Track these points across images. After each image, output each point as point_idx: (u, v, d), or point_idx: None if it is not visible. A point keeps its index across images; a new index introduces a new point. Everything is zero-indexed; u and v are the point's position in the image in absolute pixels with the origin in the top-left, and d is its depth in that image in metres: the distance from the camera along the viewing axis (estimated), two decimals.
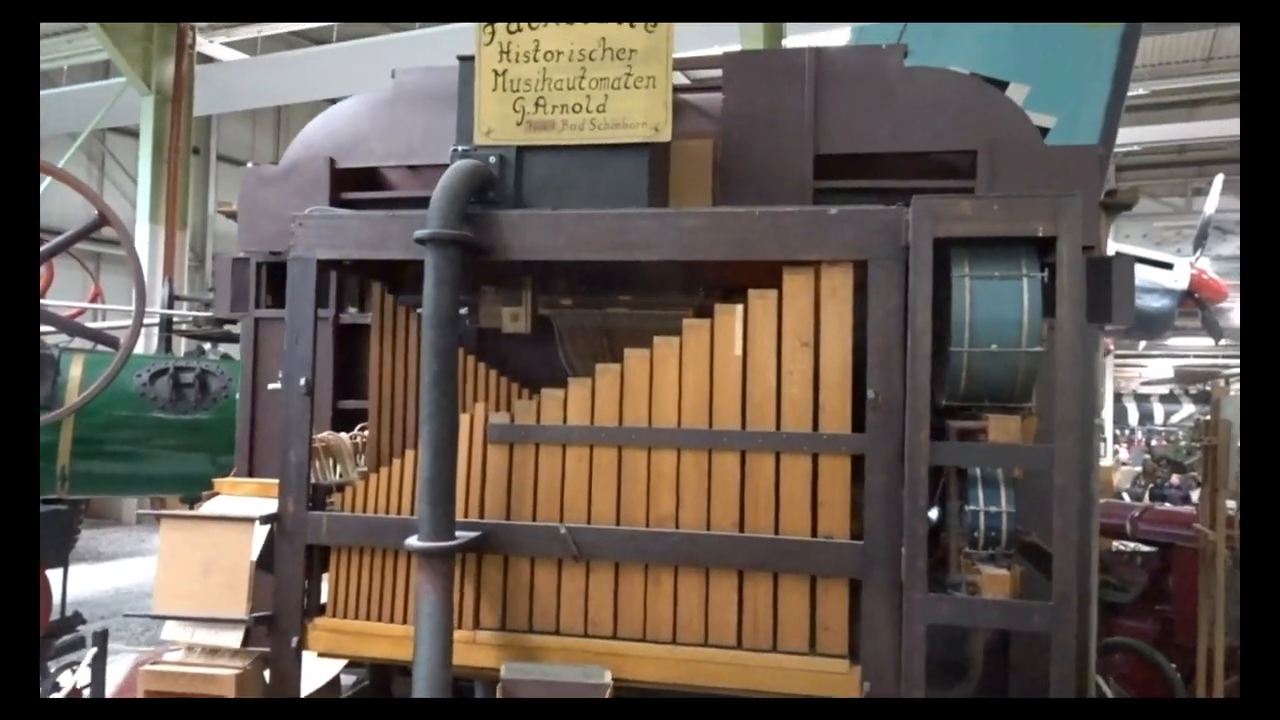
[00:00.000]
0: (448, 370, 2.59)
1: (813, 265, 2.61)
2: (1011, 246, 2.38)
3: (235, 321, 5.97)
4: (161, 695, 2.79)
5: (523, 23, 2.95)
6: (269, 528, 2.86)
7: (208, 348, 7.60)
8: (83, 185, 4.42)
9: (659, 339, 2.72)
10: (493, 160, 2.93)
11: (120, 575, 10.47)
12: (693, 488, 2.65)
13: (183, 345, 8.56)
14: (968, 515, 2.37)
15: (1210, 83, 17.24)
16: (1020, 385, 2.37)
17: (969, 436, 2.40)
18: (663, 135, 2.86)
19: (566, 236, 2.72)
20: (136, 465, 6.22)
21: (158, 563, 2.91)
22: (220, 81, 13.62)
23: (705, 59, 3.78)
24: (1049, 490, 2.31)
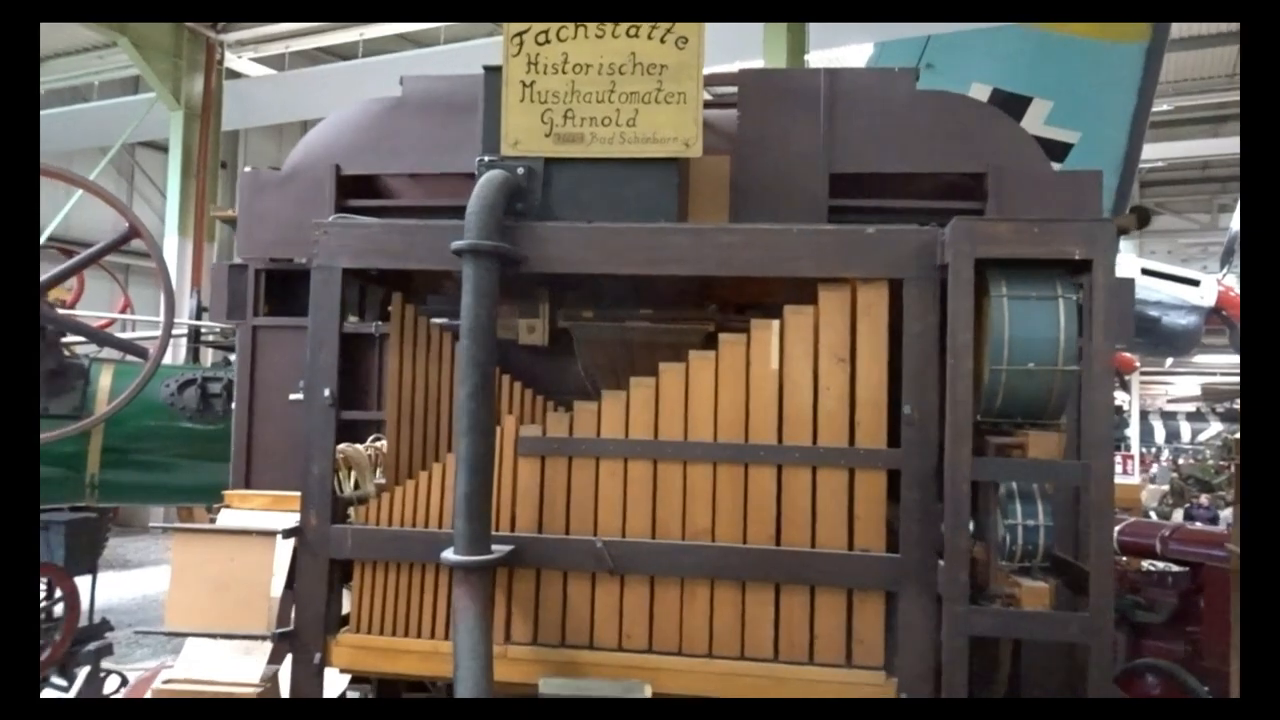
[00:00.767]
0: (486, 383, 2.57)
1: (848, 283, 2.66)
2: (1043, 268, 2.46)
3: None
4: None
5: (550, 28, 2.94)
6: (290, 543, 2.79)
7: (234, 358, 7.55)
8: (113, 198, 4.49)
9: (694, 353, 2.74)
10: (520, 171, 2.92)
11: (147, 583, 10.42)
12: (728, 501, 2.67)
13: (210, 356, 8.52)
14: (1004, 529, 2.43)
15: (1235, 99, 17.22)
16: (1054, 403, 2.44)
17: (1003, 452, 2.47)
18: (693, 150, 2.89)
19: (601, 249, 2.72)
20: (164, 475, 6.36)
21: (170, 578, 2.82)
22: (247, 96, 13.80)
23: (720, 75, 3.82)
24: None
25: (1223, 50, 16.05)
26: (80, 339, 5.52)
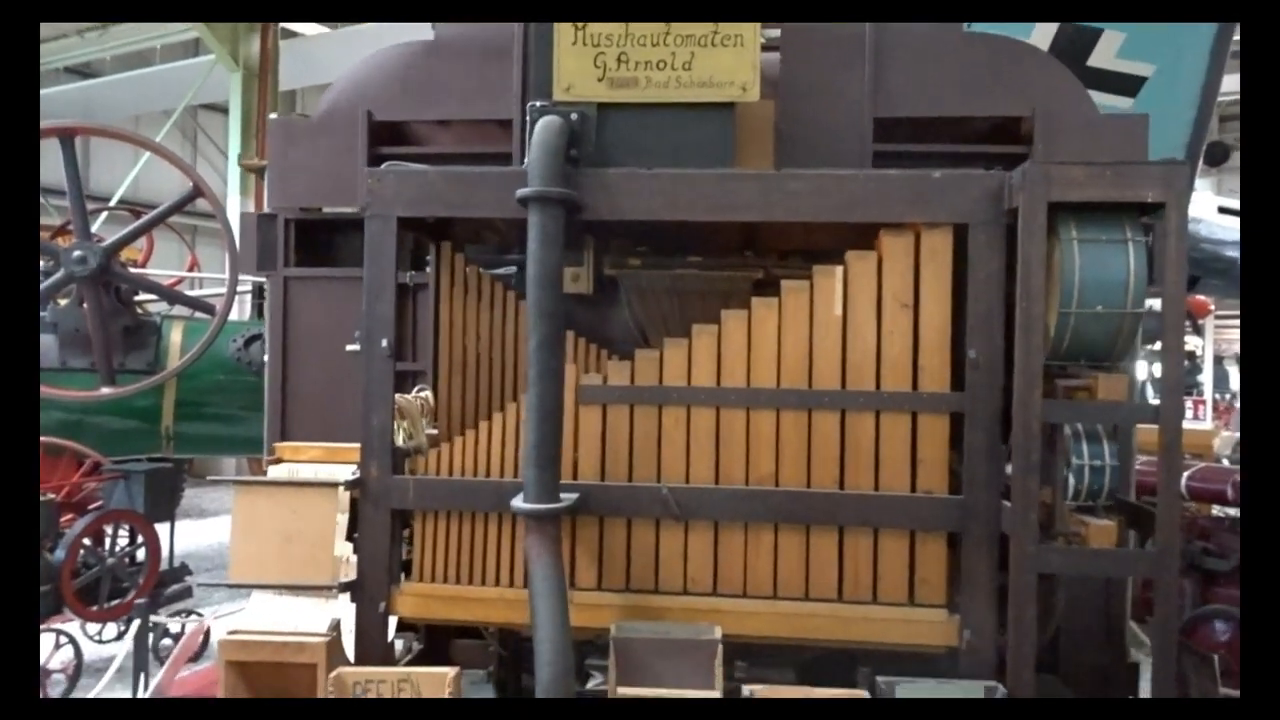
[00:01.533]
0: (555, 332, 2.56)
1: (910, 227, 2.65)
2: (1112, 211, 2.46)
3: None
4: (242, 664, 2.71)
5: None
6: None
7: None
8: (177, 159, 4.67)
9: (757, 300, 2.73)
10: (573, 117, 2.87)
11: (222, 530, 10.58)
12: (792, 446, 2.69)
13: None
14: (1070, 470, 2.47)
15: None
16: (1121, 345, 2.47)
17: (1070, 395, 2.50)
18: (750, 95, 2.85)
19: (666, 197, 2.70)
20: (233, 427, 6.63)
21: (232, 531, 2.82)
22: (304, 56, 13.65)
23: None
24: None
25: None
26: (152, 297, 5.90)
